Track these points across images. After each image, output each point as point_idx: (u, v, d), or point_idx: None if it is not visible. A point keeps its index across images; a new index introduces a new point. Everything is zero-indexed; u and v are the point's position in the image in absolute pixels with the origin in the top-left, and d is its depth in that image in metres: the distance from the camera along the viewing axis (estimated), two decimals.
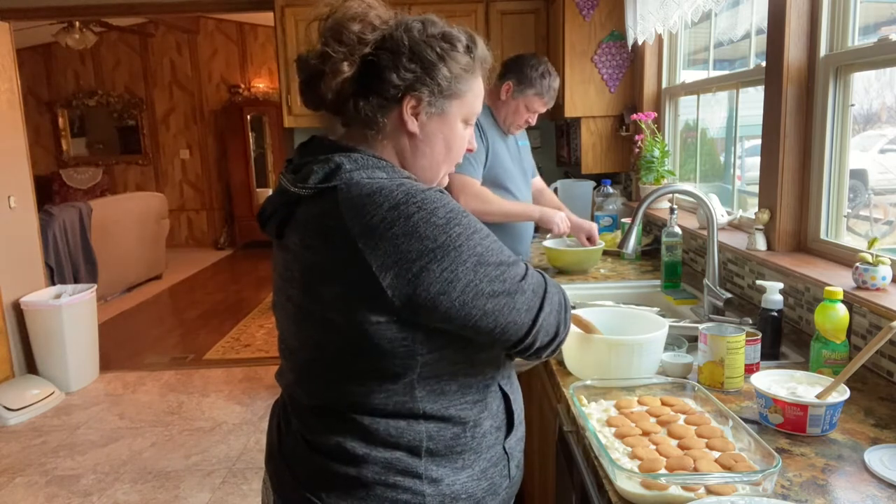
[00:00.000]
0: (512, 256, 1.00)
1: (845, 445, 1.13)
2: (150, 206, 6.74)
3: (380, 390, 1.00)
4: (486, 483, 1.06)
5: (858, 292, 1.48)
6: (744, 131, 2.47)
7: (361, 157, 0.99)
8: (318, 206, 0.98)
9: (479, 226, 0.98)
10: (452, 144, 1.08)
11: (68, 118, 8.51)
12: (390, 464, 1.00)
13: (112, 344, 4.81)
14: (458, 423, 1.03)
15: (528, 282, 0.99)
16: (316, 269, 0.97)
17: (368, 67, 0.99)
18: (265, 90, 8.32)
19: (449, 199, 0.97)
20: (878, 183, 2.26)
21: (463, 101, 1.06)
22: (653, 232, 2.87)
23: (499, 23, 4.03)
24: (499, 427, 1.09)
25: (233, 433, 3.41)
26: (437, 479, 1.01)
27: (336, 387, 1.02)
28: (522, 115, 2.46)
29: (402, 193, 0.93)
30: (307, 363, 1.06)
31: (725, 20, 2.69)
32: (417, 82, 1.00)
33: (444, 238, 0.92)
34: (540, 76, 2.41)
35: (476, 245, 0.95)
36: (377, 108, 1.01)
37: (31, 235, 4.25)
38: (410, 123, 1.02)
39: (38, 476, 3.05)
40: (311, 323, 1.01)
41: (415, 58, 1.00)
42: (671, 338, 1.53)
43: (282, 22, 4.01)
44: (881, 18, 1.83)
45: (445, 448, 1.02)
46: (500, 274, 0.96)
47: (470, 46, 1.05)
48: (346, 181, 0.97)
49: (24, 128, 4.17)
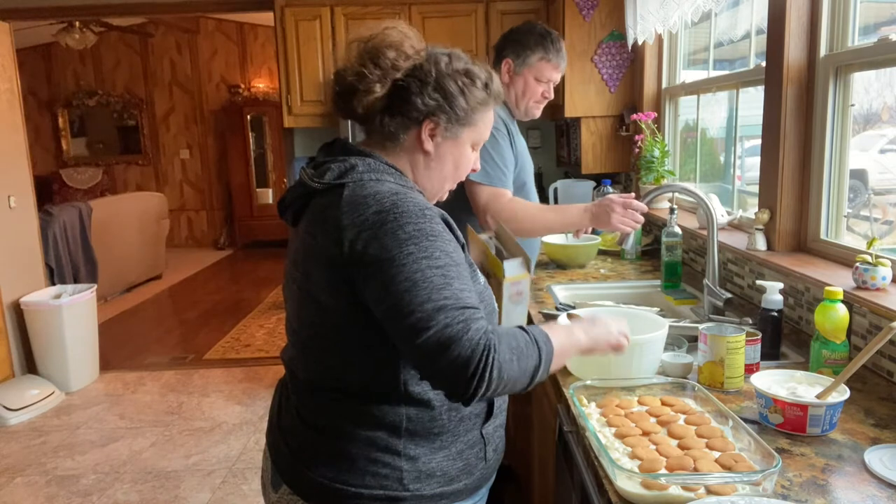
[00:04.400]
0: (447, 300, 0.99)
1: (845, 445, 1.13)
2: (150, 206, 6.73)
3: (365, 371, 1.12)
4: (462, 463, 1.17)
5: (858, 292, 1.48)
6: (744, 131, 2.47)
7: (375, 161, 1.13)
8: (326, 199, 1.11)
9: (437, 253, 1.03)
10: (460, 165, 1.21)
11: (68, 118, 8.51)
12: (373, 441, 1.12)
13: (112, 344, 4.81)
14: (435, 406, 1.13)
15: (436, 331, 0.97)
16: (312, 254, 1.11)
17: (397, 90, 1.13)
18: (265, 90, 8.31)
19: (425, 221, 1.04)
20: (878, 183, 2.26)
21: (474, 129, 1.19)
22: (653, 232, 2.87)
23: (499, 23, 4.03)
24: (478, 414, 1.19)
25: (233, 433, 3.41)
26: (415, 456, 1.13)
27: (328, 364, 1.14)
28: (535, 90, 2.13)
29: (390, 202, 1.05)
30: (305, 341, 1.18)
31: (725, 20, 2.69)
32: (438, 109, 1.14)
33: (396, 253, 1.01)
34: (539, 37, 2.09)
35: (416, 272, 1.00)
36: (400, 126, 1.15)
37: (31, 235, 4.25)
38: (427, 143, 1.16)
39: (38, 476, 3.05)
40: (308, 303, 1.14)
41: (439, 88, 1.13)
42: (671, 338, 1.53)
43: (282, 22, 4.01)
44: (881, 18, 1.83)
45: (424, 430, 1.13)
46: (416, 309, 0.99)
47: (488, 84, 1.19)
48: (354, 180, 1.10)
49: (24, 128, 4.17)
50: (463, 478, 1.17)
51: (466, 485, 1.18)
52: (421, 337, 0.99)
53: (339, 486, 1.12)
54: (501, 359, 1.00)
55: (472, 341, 0.98)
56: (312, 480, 1.14)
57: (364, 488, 1.11)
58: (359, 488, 1.11)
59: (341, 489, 1.12)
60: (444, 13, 4.06)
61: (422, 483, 1.13)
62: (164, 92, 8.46)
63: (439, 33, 3.92)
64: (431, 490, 1.14)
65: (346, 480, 1.12)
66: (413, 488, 1.12)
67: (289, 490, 1.18)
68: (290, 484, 1.18)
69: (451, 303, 1.01)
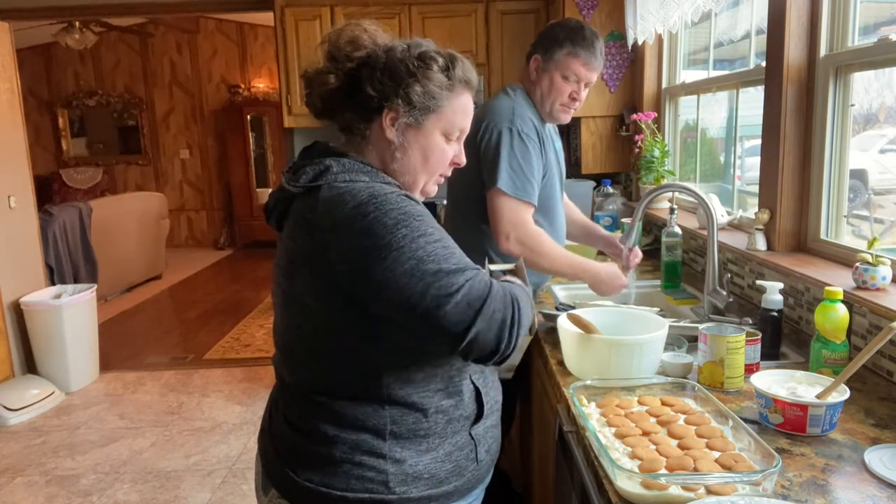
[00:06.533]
0: (458, 264, 1.04)
1: (845, 445, 1.13)
2: (150, 206, 6.73)
3: (348, 374, 1.12)
4: (451, 465, 1.16)
5: (858, 292, 1.48)
6: (744, 131, 2.47)
7: (349, 161, 1.13)
8: (304, 202, 1.12)
9: (429, 230, 1.05)
10: (430, 155, 1.18)
11: (68, 118, 8.50)
12: (357, 445, 1.12)
13: (112, 344, 4.81)
14: (419, 409, 1.13)
15: (464, 293, 1.02)
16: (296, 258, 1.11)
17: (350, 80, 1.13)
18: (265, 90, 8.31)
19: (407, 204, 1.06)
20: (878, 183, 2.26)
21: (440, 116, 1.16)
22: (653, 232, 2.87)
23: (499, 23, 4.03)
24: (468, 416, 1.19)
25: (233, 433, 3.41)
26: (400, 459, 1.12)
27: (312, 367, 1.15)
28: (563, 90, 1.94)
29: (366, 195, 1.06)
30: (290, 344, 1.19)
31: (725, 20, 2.69)
32: (392, 94, 1.12)
33: (390, 238, 1.02)
34: (570, 30, 1.91)
35: (418, 249, 1.02)
36: (360, 118, 1.15)
37: (31, 235, 4.25)
38: (388, 132, 1.15)
39: (38, 476, 3.05)
40: (292, 307, 1.15)
41: (388, 72, 1.12)
42: (671, 338, 1.53)
43: (282, 22, 4.01)
44: (881, 18, 1.83)
45: (408, 432, 1.13)
46: (434, 281, 1.01)
47: (448, 67, 1.16)
48: (329, 182, 1.10)
49: (24, 128, 4.17)
50: (453, 480, 1.17)
51: (457, 486, 1.18)
52: (449, 302, 1.00)
53: (324, 489, 1.12)
54: (523, 305, 1.06)
55: (500, 294, 1.03)
56: (299, 484, 1.14)
57: (349, 492, 1.11)
58: (343, 492, 1.11)
59: (326, 493, 1.12)
60: (443, 13, 4.06)
61: (408, 486, 1.12)
62: (164, 92, 8.46)
63: (439, 33, 3.92)
64: (419, 493, 1.13)
65: (330, 484, 1.12)
66: (399, 491, 1.12)
67: (277, 494, 1.18)
68: (279, 488, 1.18)
69: (464, 264, 1.04)
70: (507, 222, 1.86)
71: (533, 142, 1.92)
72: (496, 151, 1.89)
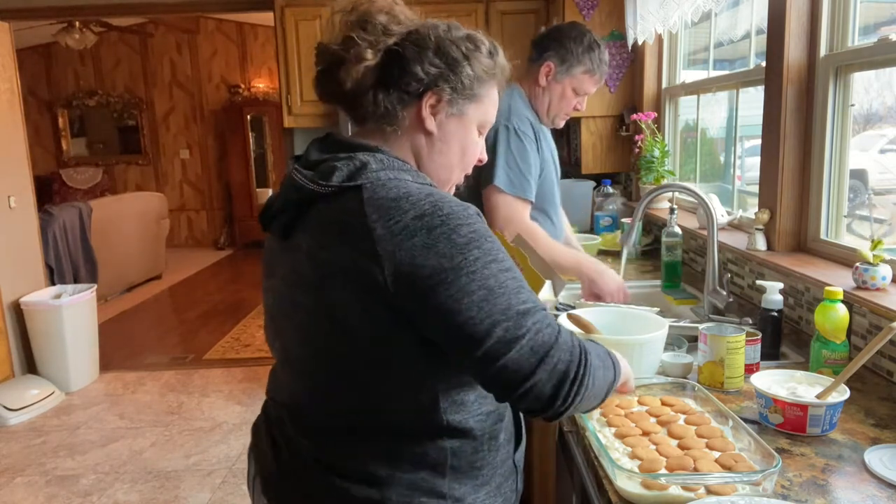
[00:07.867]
0: (527, 302, 0.89)
1: (845, 445, 1.13)
2: (150, 206, 6.73)
3: (404, 404, 0.95)
4: (501, 499, 1.04)
5: (858, 292, 1.48)
6: (744, 131, 2.47)
7: (386, 157, 0.97)
8: (338, 203, 0.93)
9: (500, 255, 0.91)
10: (467, 149, 1.06)
11: (68, 118, 8.50)
12: (415, 484, 0.96)
13: (112, 344, 4.81)
14: (476, 436, 0.99)
15: (530, 338, 0.87)
16: (332, 269, 0.92)
17: (393, 59, 0.97)
18: (265, 90, 8.31)
19: (475, 219, 0.92)
20: (878, 183, 2.26)
21: (479, 106, 1.04)
22: (653, 232, 2.87)
23: (499, 23, 4.03)
24: (509, 440, 1.07)
25: (233, 433, 3.41)
26: (460, 497, 0.98)
27: (355, 400, 0.97)
28: (571, 101, 2.03)
29: (428, 204, 0.89)
30: (322, 377, 0.99)
31: (725, 20, 2.69)
32: (441, 78, 0.98)
33: (460, 259, 0.87)
34: (587, 48, 1.99)
35: (489, 277, 0.87)
36: (397, 102, 0.98)
37: (31, 235, 4.25)
38: (429, 122, 1.00)
39: (38, 476, 3.05)
40: (325, 330, 0.95)
41: (440, 53, 0.98)
42: (671, 338, 1.53)
43: (282, 22, 4.01)
44: (881, 18, 1.83)
45: (467, 464, 0.99)
46: (503, 320, 0.86)
47: (492, 52, 1.05)
48: (371, 180, 0.93)
49: (24, 128, 4.17)
50: None
51: None
52: (513, 348, 0.85)
53: None
54: (593, 365, 0.91)
55: (569, 344, 0.89)
56: None
57: None
58: None
59: None
60: (443, 13, 4.06)
61: None
62: (164, 92, 8.46)
63: None
64: None
65: None
66: None
67: None
68: None
69: (533, 305, 0.89)
70: (502, 218, 1.89)
71: (530, 139, 1.95)
72: (493, 149, 1.91)
